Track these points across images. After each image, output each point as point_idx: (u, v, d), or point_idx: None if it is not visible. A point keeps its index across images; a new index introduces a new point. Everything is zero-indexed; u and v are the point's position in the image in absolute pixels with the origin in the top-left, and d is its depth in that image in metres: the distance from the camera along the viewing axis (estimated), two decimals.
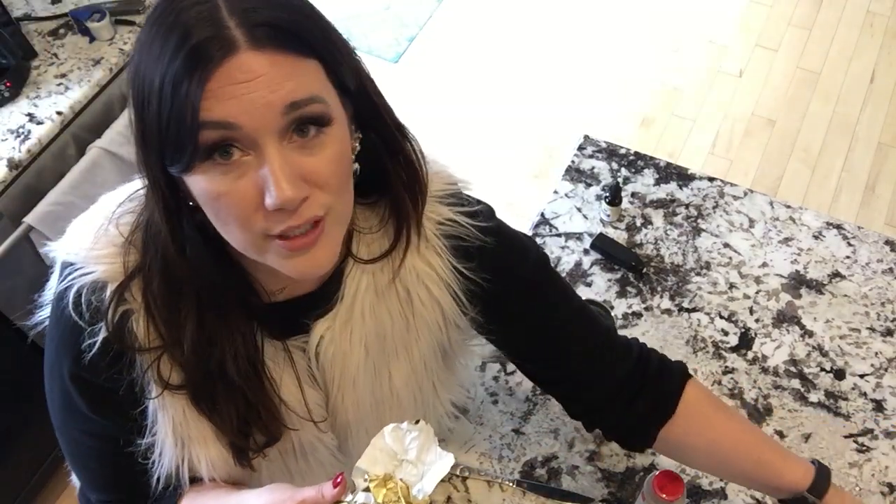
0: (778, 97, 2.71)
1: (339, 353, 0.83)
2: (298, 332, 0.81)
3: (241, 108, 0.61)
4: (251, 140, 0.62)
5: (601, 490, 1.04)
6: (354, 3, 3.01)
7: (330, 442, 0.90)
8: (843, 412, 1.10)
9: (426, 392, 0.93)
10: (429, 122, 2.69)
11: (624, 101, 2.74)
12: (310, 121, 0.64)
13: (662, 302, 1.21)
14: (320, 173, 0.66)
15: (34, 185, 1.46)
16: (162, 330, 0.74)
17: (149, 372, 0.75)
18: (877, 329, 1.18)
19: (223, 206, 0.65)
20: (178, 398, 0.77)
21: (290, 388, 0.82)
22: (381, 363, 0.87)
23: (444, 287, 0.83)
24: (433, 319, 0.86)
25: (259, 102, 0.61)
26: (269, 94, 0.61)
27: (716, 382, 1.13)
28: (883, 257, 1.25)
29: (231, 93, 0.60)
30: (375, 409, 0.90)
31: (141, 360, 0.75)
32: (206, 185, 0.64)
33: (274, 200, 0.63)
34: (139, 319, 0.74)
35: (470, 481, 1.05)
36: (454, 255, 0.83)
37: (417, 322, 0.85)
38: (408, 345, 0.87)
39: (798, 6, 2.97)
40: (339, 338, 0.82)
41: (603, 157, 1.39)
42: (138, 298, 0.73)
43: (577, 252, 1.27)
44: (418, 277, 0.83)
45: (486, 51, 2.89)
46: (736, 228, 1.29)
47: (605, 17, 2.98)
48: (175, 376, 0.76)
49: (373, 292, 0.82)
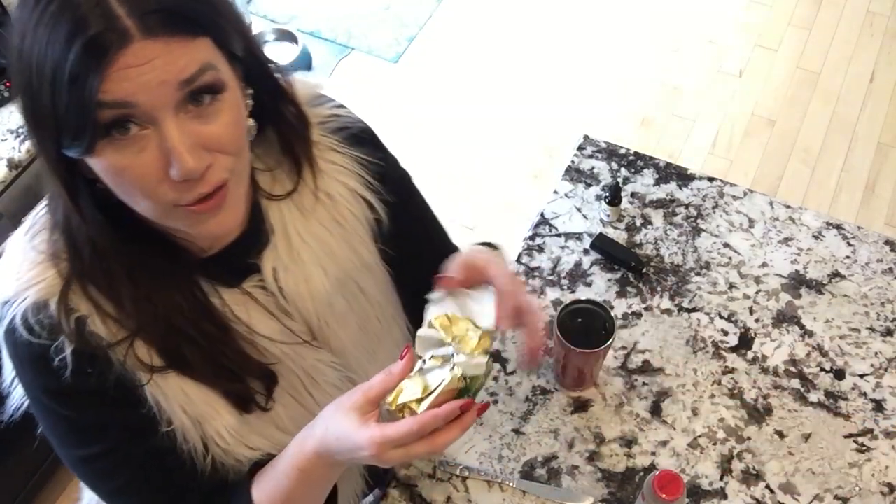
0: (778, 97, 2.71)
1: (299, 280, 0.85)
2: (251, 273, 0.83)
3: (136, 88, 0.62)
4: (149, 116, 0.64)
5: (601, 490, 1.04)
6: (354, 3, 3.01)
7: (332, 359, 0.91)
8: (843, 412, 1.10)
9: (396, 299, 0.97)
10: (429, 122, 2.69)
11: (624, 101, 2.74)
12: (204, 90, 0.66)
13: (662, 302, 1.21)
14: (220, 139, 0.68)
15: (34, 185, 1.46)
16: (120, 319, 0.74)
17: (128, 362, 0.75)
18: (877, 329, 1.18)
19: (127, 180, 0.66)
20: (171, 378, 0.78)
21: (267, 322, 0.84)
22: (346, 278, 0.90)
23: (353, 175, 0.89)
24: (362, 214, 0.90)
25: (154, 82, 0.62)
26: (164, 73, 0.63)
27: (716, 382, 1.13)
28: (883, 257, 1.25)
29: (126, 76, 0.61)
30: (363, 325, 0.93)
31: (116, 355, 0.75)
32: (109, 161, 0.65)
33: (179, 172, 0.65)
34: (95, 320, 0.74)
35: (470, 481, 1.06)
36: (348, 144, 0.89)
37: (351, 223, 0.89)
38: (356, 250, 0.90)
39: (798, 6, 2.97)
40: (290, 265, 0.85)
41: (603, 157, 1.39)
42: (83, 302, 0.73)
43: (577, 252, 1.27)
44: (329, 175, 0.87)
45: (486, 51, 2.89)
46: (736, 228, 1.29)
47: (605, 17, 2.98)
48: (156, 358, 0.76)
49: (298, 213, 0.85)
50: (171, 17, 0.62)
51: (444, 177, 2.54)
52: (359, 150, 0.90)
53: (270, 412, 0.85)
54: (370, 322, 0.94)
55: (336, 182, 0.87)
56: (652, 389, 1.13)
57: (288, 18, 2.97)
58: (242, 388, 0.82)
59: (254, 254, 0.83)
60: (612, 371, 1.14)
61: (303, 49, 2.77)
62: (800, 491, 1.04)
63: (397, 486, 1.06)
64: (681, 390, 1.12)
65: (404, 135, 2.65)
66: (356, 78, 2.82)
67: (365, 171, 0.90)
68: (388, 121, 2.69)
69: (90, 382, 0.74)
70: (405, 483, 1.06)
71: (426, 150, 2.61)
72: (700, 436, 1.09)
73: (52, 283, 0.73)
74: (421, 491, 1.05)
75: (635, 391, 1.13)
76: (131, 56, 0.61)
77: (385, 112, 2.71)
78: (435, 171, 2.55)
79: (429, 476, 1.06)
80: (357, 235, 0.90)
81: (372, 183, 0.90)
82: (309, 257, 0.86)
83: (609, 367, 1.15)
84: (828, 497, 1.03)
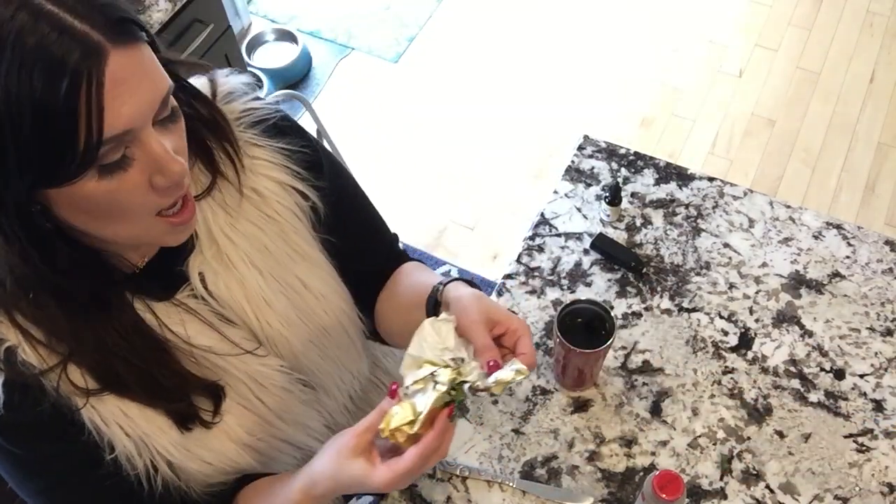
0: (778, 97, 2.71)
1: (231, 283, 0.83)
2: (181, 283, 0.82)
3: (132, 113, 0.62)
4: (135, 136, 0.64)
5: (601, 490, 1.04)
6: (354, 3, 3.01)
7: (279, 363, 0.89)
8: (843, 412, 1.10)
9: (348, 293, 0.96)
10: (429, 122, 2.69)
11: (624, 101, 2.74)
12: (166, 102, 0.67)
13: (662, 302, 1.21)
14: (181, 146, 0.69)
15: None
16: (50, 344, 0.72)
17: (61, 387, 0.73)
18: (877, 329, 1.18)
19: (118, 201, 0.65)
20: (109, 400, 0.76)
21: (206, 333, 0.82)
22: (285, 273, 0.88)
23: (279, 168, 0.86)
24: (295, 205, 0.88)
25: (144, 100, 0.62)
26: (150, 91, 0.63)
27: (716, 382, 1.13)
28: (883, 257, 1.25)
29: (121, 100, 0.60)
30: (307, 319, 0.90)
31: (49, 382, 0.73)
32: (95, 188, 0.63)
33: (169, 178, 0.66)
34: (25, 349, 0.72)
35: (470, 481, 1.06)
36: (268, 137, 0.86)
37: (285, 215, 0.87)
38: (293, 244, 0.88)
39: (798, 6, 2.97)
40: (219, 269, 0.83)
41: (603, 157, 1.39)
42: (11, 331, 0.72)
43: (577, 252, 1.27)
44: (253, 172, 0.85)
45: (486, 51, 2.89)
46: (736, 228, 1.29)
47: (605, 17, 2.98)
48: (90, 381, 0.74)
49: (223, 214, 0.83)
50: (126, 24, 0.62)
51: (444, 177, 2.54)
52: (282, 140, 0.87)
53: (222, 423, 0.84)
54: (316, 316, 0.91)
55: (262, 177, 0.85)
56: (652, 389, 1.13)
57: (288, 18, 2.97)
58: (184, 406, 0.80)
59: (180, 261, 0.81)
60: (612, 371, 1.14)
61: (303, 49, 2.77)
62: (800, 491, 1.04)
63: None
64: (681, 390, 1.12)
65: (404, 135, 2.65)
66: (356, 78, 2.82)
67: (291, 161, 0.87)
68: (388, 121, 2.69)
69: (24, 415, 0.73)
70: None
71: (426, 150, 2.61)
72: (700, 436, 1.09)
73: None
74: (421, 491, 1.05)
75: (635, 391, 1.13)
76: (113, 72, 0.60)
77: (385, 112, 2.71)
78: (435, 171, 2.55)
79: (429, 476, 1.06)
80: (292, 228, 0.88)
81: (300, 172, 0.88)
82: (239, 259, 0.84)
83: (609, 367, 1.15)
84: (828, 497, 1.03)
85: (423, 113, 2.72)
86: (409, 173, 2.55)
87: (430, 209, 2.46)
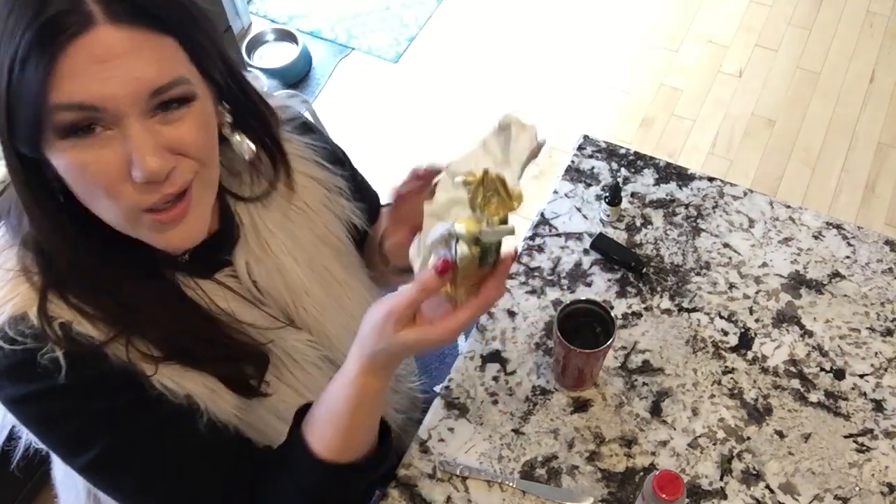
0: (778, 97, 2.71)
1: (272, 271, 0.87)
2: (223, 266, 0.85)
3: (104, 93, 0.61)
4: (114, 118, 0.63)
5: (601, 490, 1.04)
6: (354, 3, 3.01)
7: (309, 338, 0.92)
8: (843, 412, 1.10)
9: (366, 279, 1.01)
10: (429, 121, 2.69)
11: (624, 101, 2.74)
12: (174, 100, 0.65)
13: (662, 302, 1.21)
14: (184, 142, 0.67)
15: None
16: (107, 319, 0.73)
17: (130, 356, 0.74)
18: (877, 329, 1.18)
19: (90, 178, 0.65)
20: (171, 375, 0.77)
21: (247, 309, 0.85)
22: (315, 262, 0.92)
23: (308, 162, 0.92)
24: (320, 197, 0.93)
25: (125, 89, 0.61)
26: (133, 79, 0.61)
27: (716, 382, 1.13)
28: (883, 257, 1.25)
29: (92, 74, 0.60)
30: (337, 305, 0.95)
31: (112, 350, 0.73)
32: (69, 159, 0.63)
33: (141, 174, 0.64)
34: (82, 323, 0.72)
35: (470, 481, 1.05)
36: (297, 133, 0.92)
37: (313, 206, 0.92)
38: (321, 234, 0.93)
39: (798, 6, 2.97)
40: (262, 256, 0.86)
41: (603, 157, 1.39)
42: (64, 310, 0.72)
43: (577, 252, 1.27)
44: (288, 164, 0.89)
45: (486, 51, 2.89)
46: (736, 228, 1.29)
47: (605, 16, 2.98)
48: (154, 350, 0.75)
49: (261, 206, 0.87)
50: (138, 8, 0.61)
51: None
52: (309, 137, 0.93)
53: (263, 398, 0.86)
54: (342, 301, 0.96)
55: (293, 171, 0.89)
56: (652, 389, 1.13)
57: (288, 18, 2.97)
58: (237, 370, 0.82)
59: (225, 250, 0.85)
60: (612, 371, 1.14)
61: (303, 49, 2.77)
62: (800, 491, 1.04)
63: (397, 486, 1.05)
64: (681, 390, 1.12)
65: (404, 135, 2.65)
66: (356, 78, 2.82)
67: (318, 155, 0.93)
68: (388, 121, 2.69)
69: (86, 374, 0.72)
70: (405, 483, 1.06)
71: (426, 150, 2.61)
72: (700, 436, 1.09)
73: (27, 296, 0.71)
74: (421, 491, 1.05)
75: (635, 391, 1.13)
76: (94, 44, 0.59)
77: (385, 112, 2.71)
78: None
79: (429, 476, 1.06)
80: (320, 219, 0.93)
81: (326, 165, 0.94)
82: (278, 248, 0.87)
83: (609, 367, 1.15)
84: (828, 497, 1.03)
85: (423, 113, 2.72)
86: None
87: None
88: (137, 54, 0.61)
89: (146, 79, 0.62)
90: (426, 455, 1.08)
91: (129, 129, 0.63)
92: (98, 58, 0.60)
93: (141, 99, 0.63)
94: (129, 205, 0.67)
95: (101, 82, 0.60)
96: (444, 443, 1.09)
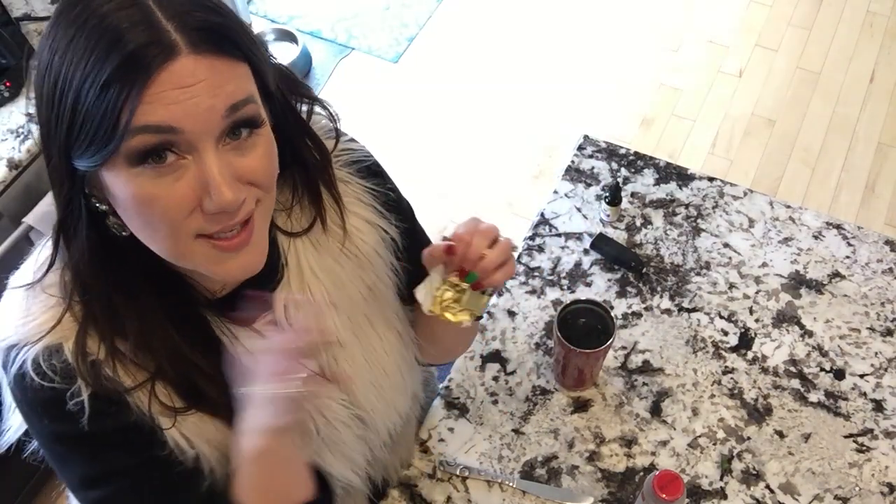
0: (778, 97, 2.71)
1: (309, 317, 0.83)
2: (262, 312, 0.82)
3: (183, 113, 0.61)
4: (190, 144, 0.63)
5: (601, 490, 1.04)
6: (354, 3, 3.01)
7: (341, 396, 0.89)
8: (843, 412, 1.10)
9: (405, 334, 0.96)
10: (429, 121, 2.69)
11: (624, 101, 2.74)
12: (244, 123, 0.65)
13: (662, 302, 1.21)
14: (255, 173, 0.67)
15: (34, 185, 1.46)
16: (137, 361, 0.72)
17: (152, 407, 0.73)
18: (877, 329, 1.18)
19: (156, 211, 0.64)
20: (192, 422, 0.76)
21: None
22: (356, 312, 0.89)
23: (367, 207, 0.88)
24: (374, 242, 0.89)
25: (202, 106, 0.62)
26: (212, 97, 0.62)
27: (716, 382, 1.13)
28: (883, 257, 1.25)
29: (174, 97, 0.60)
30: (370, 360, 0.91)
31: (135, 400, 0.73)
32: (136, 189, 0.63)
33: (216, 205, 0.63)
34: (110, 363, 0.72)
35: (470, 481, 1.05)
36: (359, 176, 0.88)
37: (365, 253, 0.88)
38: (369, 282, 0.89)
39: (798, 6, 2.97)
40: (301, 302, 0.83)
41: (603, 157, 1.39)
42: (98, 345, 0.71)
43: (577, 252, 1.27)
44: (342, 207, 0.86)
45: (486, 51, 2.89)
46: (736, 228, 1.29)
47: (605, 16, 2.98)
48: (176, 398, 0.75)
49: (311, 248, 0.84)
50: (218, 36, 0.62)
51: (443, 177, 2.54)
52: (371, 181, 0.89)
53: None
54: (376, 355, 0.92)
55: (350, 214, 0.86)
56: (652, 389, 1.13)
57: (288, 18, 2.97)
58: None
59: (266, 290, 0.82)
60: (612, 371, 1.14)
61: (303, 49, 2.77)
62: (800, 491, 1.04)
63: (397, 486, 1.05)
64: (681, 390, 1.12)
65: (404, 135, 2.65)
66: (356, 78, 2.82)
67: (377, 201, 0.89)
68: (388, 121, 2.69)
69: (107, 424, 0.73)
70: (405, 483, 1.06)
71: (426, 150, 2.61)
72: (700, 436, 1.09)
73: (66, 326, 0.71)
74: (421, 491, 1.05)
75: (635, 391, 1.13)
76: (177, 72, 0.60)
77: (385, 112, 2.71)
78: (435, 170, 2.55)
79: (429, 476, 1.06)
80: (370, 266, 0.89)
81: (384, 212, 0.90)
82: (320, 294, 0.84)
83: (609, 367, 1.15)
84: (828, 497, 1.03)
85: (423, 113, 2.72)
86: (409, 173, 2.55)
87: (429, 209, 2.46)
88: (217, 77, 0.62)
89: (224, 94, 0.63)
90: (426, 455, 1.08)
91: (204, 155, 0.63)
92: (181, 84, 0.60)
93: (218, 116, 0.63)
94: (188, 232, 0.66)
95: (182, 104, 0.61)
96: (444, 443, 1.09)
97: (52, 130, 0.63)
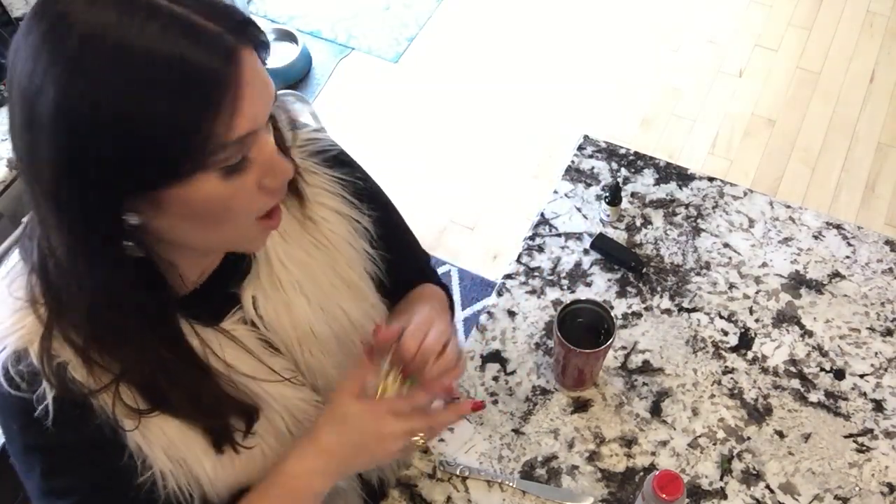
0: (778, 97, 2.72)
1: (280, 307, 0.84)
2: (231, 307, 0.82)
3: (257, 112, 0.63)
4: (255, 137, 0.64)
5: (601, 490, 1.04)
6: (354, 3, 3.01)
7: (315, 398, 0.89)
8: (843, 412, 1.10)
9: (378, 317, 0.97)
10: (429, 121, 2.69)
11: (624, 101, 2.74)
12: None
13: (662, 302, 1.21)
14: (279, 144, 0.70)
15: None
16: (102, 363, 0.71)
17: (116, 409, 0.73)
18: (877, 329, 1.18)
19: (234, 205, 0.66)
20: (152, 423, 0.76)
21: (247, 361, 0.82)
22: (329, 301, 0.89)
23: (335, 197, 0.89)
24: (344, 233, 0.90)
25: (266, 101, 0.64)
26: (269, 93, 0.64)
27: (716, 382, 1.13)
28: (883, 257, 1.25)
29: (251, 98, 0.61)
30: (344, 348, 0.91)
31: (99, 402, 0.73)
32: (211, 192, 0.64)
33: (280, 180, 0.68)
34: (76, 367, 0.71)
35: (470, 481, 1.06)
36: (325, 166, 0.89)
37: (334, 243, 0.89)
38: (340, 272, 0.90)
39: (798, 6, 2.97)
40: (271, 292, 0.84)
41: (603, 157, 1.39)
42: (64, 347, 0.71)
43: (577, 252, 1.27)
44: (311, 200, 0.87)
45: (486, 51, 2.89)
46: (736, 228, 1.29)
47: (605, 16, 2.98)
48: (140, 401, 0.74)
49: (280, 239, 0.85)
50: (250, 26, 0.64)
51: (443, 176, 2.54)
52: (339, 170, 0.90)
53: (253, 451, 0.83)
54: (353, 345, 0.92)
55: (317, 205, 0.87)
56: (652, 389, 1.13)
57: (288, 18, 2.97)
58: (222, 424, 0.80)
59: (234, 283, 0.82)
60: (612, 371, 1.14)
61: (303, 49, 2.77)
62: (800, 491, 1.04)
63: (397, 486, 1.06)
64: (681, 390, 1.12)
65: (404, 135, 2.65)
66: (356, 78, 2.82)
67: (345, 191, 0.90)
68: (388, 121, 2.69)
69: (70, 434, 0.73)
70: (405, 483, 1.06)
71: (426, 150, 2.61)
72: (700, 436, 1.09)
73: (32, 329, 0.71)
74: (421, 491, 1.05)
75: (635, 391, 1.13)
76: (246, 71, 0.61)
77: (385, 112, 2.71)
78: (435, 170, 2.55)
79: (429, 476, 1.06)
80: (341, 256, 0.90)
81: (354, 202, 0.91)
82: (290, 285, 0.85)
83: (609, 367, 1.15)
84: (828, 497, 1.03)
85: (423, 113, 2.72)
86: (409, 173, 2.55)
87: (429, 209, 2.46)
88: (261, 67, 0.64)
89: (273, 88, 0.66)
90: (426, 455, 1.08)
91: (264, 142, 0.65)
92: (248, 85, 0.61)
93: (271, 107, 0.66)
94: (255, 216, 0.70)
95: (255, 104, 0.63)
96: (444, 443, 1.09)
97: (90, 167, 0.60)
